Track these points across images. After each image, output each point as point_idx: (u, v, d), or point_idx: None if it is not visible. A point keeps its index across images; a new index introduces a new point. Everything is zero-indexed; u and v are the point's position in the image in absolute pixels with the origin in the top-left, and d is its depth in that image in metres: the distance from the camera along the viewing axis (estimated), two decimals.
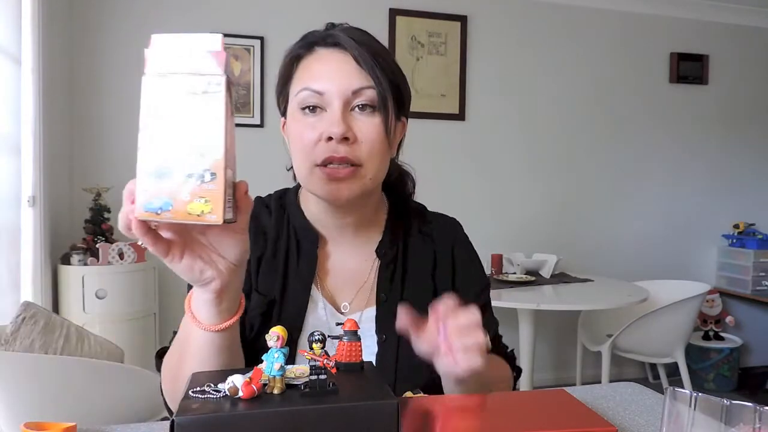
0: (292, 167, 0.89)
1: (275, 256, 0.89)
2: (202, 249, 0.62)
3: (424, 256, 0.92)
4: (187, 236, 0.61)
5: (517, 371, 0.97)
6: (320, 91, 0.80)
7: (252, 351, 0.84)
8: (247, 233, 0.63)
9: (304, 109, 0.81)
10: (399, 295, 0.88)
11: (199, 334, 0.67)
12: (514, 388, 0.96)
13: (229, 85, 0.54)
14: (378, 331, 0.86)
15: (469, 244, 0.98)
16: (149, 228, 0.57)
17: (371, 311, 0.88)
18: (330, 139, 0.78)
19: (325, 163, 0.79)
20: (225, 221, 0.54)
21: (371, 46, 0.83)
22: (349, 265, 0.90)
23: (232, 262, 0.63)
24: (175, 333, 0.78)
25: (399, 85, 0.85)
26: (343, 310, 0.88)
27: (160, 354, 0.83)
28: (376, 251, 0.90)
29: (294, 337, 0.84)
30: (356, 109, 0.80)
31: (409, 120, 0.93)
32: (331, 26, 0.86)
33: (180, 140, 0.53)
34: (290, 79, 0.86)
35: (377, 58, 0.81)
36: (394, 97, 0.84)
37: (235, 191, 0.58)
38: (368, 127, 0.80)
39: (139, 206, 0.54)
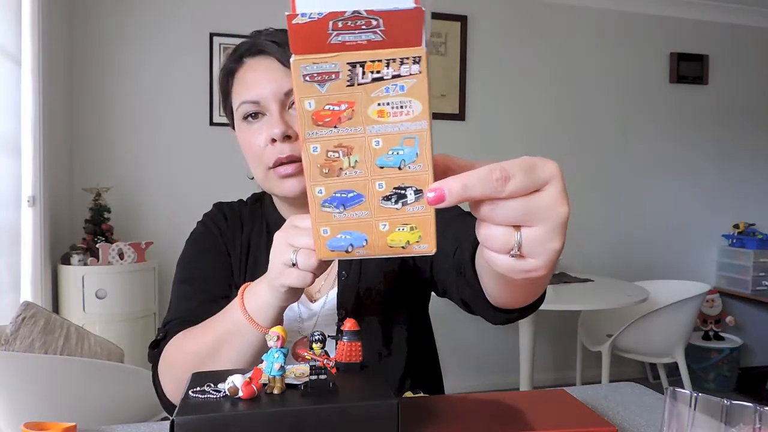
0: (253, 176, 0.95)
1: (248, 253, 0.95)
2: None
3: None
4: None
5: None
6: (256, 100, 0.85)
7: None
8: None
9: (246, 118, 0.86)
10: (358, 270, 0.91)
11: (254, 335, 0.70)
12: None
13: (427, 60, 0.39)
14: (338, 308, 0.89)
15: None
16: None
17: (334, 291, 0.91)
18: (274, 141, 0.83)
19: (275, 165, 0.84)
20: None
21: None
22: None
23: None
24: (177, 321, 0.83)
25: None
26: (315, 297, 0.92)
27: (154, 345, 0.85)
28: None
29: None
30: (293, 107, 0.85)
31: None
32: (257, 34, 0.90)
33: (366, 152, 0.40)
34: (229, 93, 0.90)
35: None
36: None
37: None
38: None
39: (321, 246, 0.43)
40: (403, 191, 0.40)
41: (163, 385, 0.81)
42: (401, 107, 0.38)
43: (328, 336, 0.58)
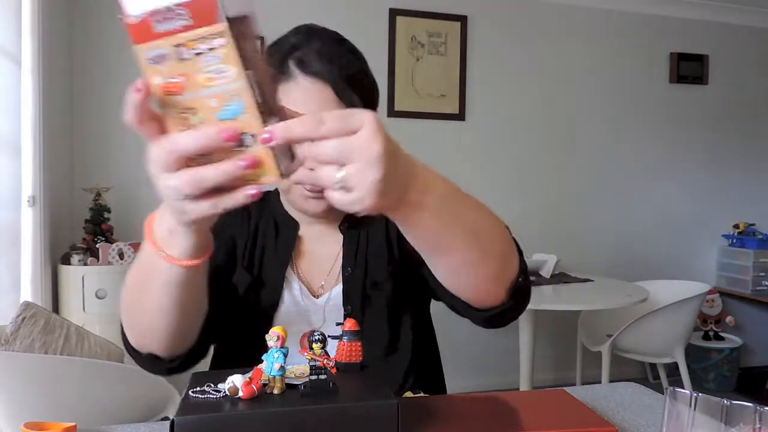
0: None
1: (255, 237, 0.94)
2: None
3: (378, 224, 0.95)
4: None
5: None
6: None
7: (241, 328, 0.88)
8: None
9: None
10: (363, 266, 0.92)
11: (168, 270, 0.63)
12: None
13: (242, 25, 0.48)
14: (344, 304, 0.90)
15: None
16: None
17: (339, 288, 0.91)
18: None
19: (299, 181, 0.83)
20: (284, 175, 0.51)
21: (347, 67, 0.84)
22: (323, 248, 0.95)
23: None
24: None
25: (373, 97, 0.89)
26: (318, 292, 0.92)
27: None
28: (339, 227, 0.95)
29: (270, 314, 0.89)
30: None
31: (410, 120, 0.95)
32: (308, 36, 0.86)
33: (206, 110, 0.49)
34: None
35: (353, 81, 0.84)
36: (369, 108, 0.86)
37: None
38: None
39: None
40: (241, 136, 0.49)
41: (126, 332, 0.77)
42: (221, 72, 0.48)
43: (329, 336, 0.59)
